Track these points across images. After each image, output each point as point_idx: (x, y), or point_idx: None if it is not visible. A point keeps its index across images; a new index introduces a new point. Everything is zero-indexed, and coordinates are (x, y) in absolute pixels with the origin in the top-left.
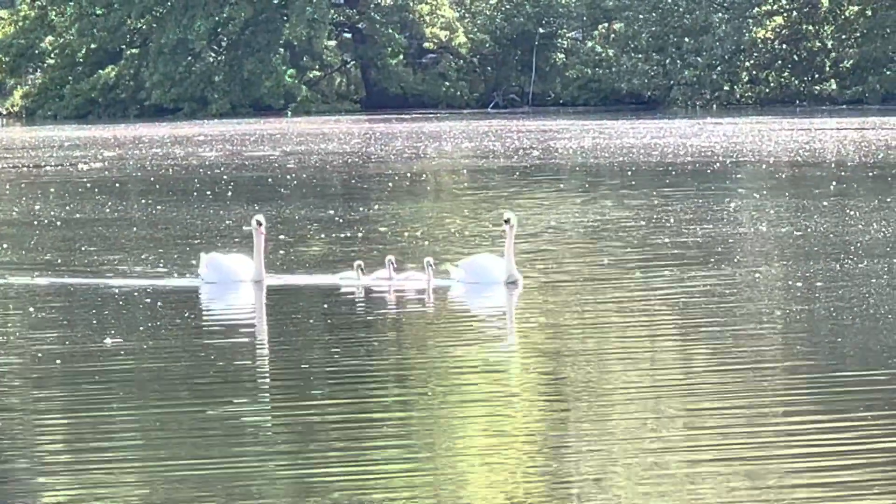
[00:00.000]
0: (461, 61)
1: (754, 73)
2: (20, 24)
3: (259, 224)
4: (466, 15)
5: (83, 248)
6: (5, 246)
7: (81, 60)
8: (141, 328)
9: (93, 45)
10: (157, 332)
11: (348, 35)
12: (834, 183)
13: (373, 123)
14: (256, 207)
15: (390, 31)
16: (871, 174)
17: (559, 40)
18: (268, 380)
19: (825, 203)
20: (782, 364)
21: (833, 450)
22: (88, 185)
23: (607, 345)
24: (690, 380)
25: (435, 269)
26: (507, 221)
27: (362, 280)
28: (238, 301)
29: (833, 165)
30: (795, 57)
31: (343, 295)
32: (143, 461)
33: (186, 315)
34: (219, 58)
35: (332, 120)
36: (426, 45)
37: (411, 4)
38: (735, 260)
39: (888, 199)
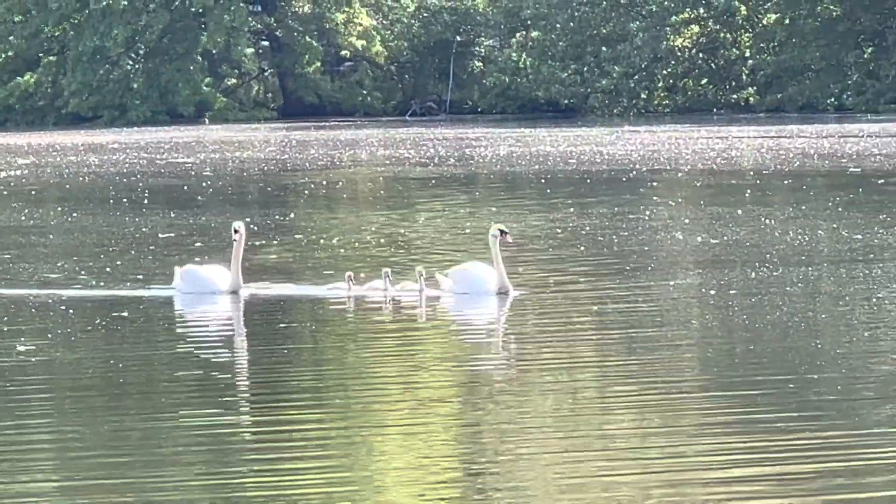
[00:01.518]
0: (378, 69)
1: (671, 81)
2: None
3: (236, 231)
4: (384, 23)
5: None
6: None
7: None
8: (52, 336)
9: (10, 53)
10: (69, 340)
11: (266, 43)
12: (749, 191)
13: (290, 131)
14: (172, 215)
15: (307, 39)
16: (786, 182)
17: (476, 48)
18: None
19: (740, 211)
20: (697, 369)
21: (748, 457)
22: (5, 192)
23: (526, 354)
24: (606, 386)
25: (405, 280)
26: (503, 233)
27: (352, 291)
28: (213, 312)
29: (749, 174)
30: (713, 65)
31: (331, 306)
32: (73, 471)
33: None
34: (137, 65)
35: (250, 128)
36: (343, 53)
37: (328, 13)
38: (650, 268)
39: (803, 208)
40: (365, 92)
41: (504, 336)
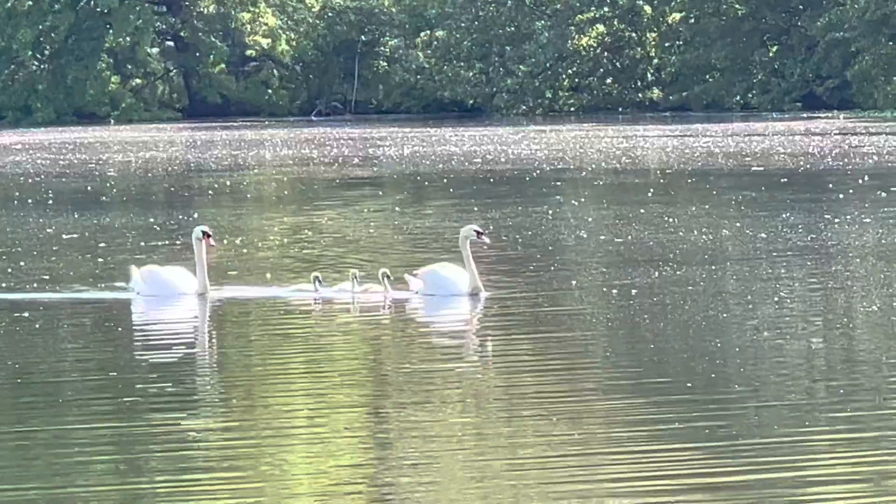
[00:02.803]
0: (283, 69)
1: (577, 80)
2: None
3: (205, 234)
4: (289, 23)
5: None
6: None
7: None
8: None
9: None
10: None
11: (171, 43)
12: (653, 190)
13: (195, 131)
14: (76, 216)
15: (212, 38)
16: (690, 181)
17: (381, 48)
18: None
19: (643, 210)
20: (599, 369)
21: (650, 458)
22: None
23: (431, 353)
24: (511, 385)
25: (389, 281)
26: (479, 234)
27: (320, 292)
28: (180, 315)
29: (654, 173)
30: (618, 64)
31: (296, 308)
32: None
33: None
34: (42, 66)
35: (155, 128)
36: (248, 52)
37: (233, 12)
38: (553, 267)
39: (706, 206)
40: (270, 92)
41: (406, 338)
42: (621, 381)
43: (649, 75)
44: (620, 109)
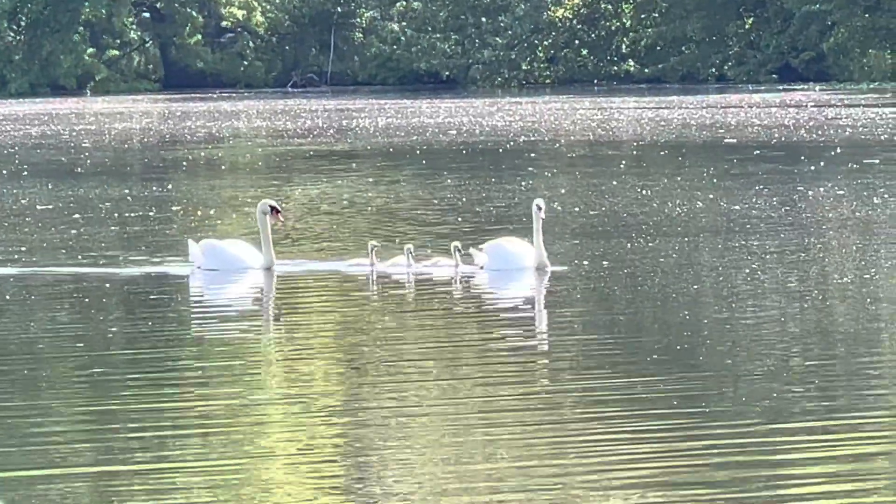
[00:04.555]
0: (259, 40)
1: (552, 52)
2: None
3: (272, 209)
4: None
5: None
6: None
7: None
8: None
9: None
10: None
11: (147, 14)
12: (625, 162)
13: (171, 103)
14: (50, 186)
15: (188, 10)
16: (663, 153)
17: (357, 19)
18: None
19: (615, 182)
20: (572, 342)
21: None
22: None
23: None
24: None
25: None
26: (539, 208)
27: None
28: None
29: (627, 145)
30: (594, 36)
31: (355, 283)
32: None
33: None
34: (18, 37)
35: (131, 99)
36: (224, 24)
37: None
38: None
39: (678, 178)
40: (246, 63)
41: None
42: (593, 352)
43: (625, 47)
44: (596, 81)
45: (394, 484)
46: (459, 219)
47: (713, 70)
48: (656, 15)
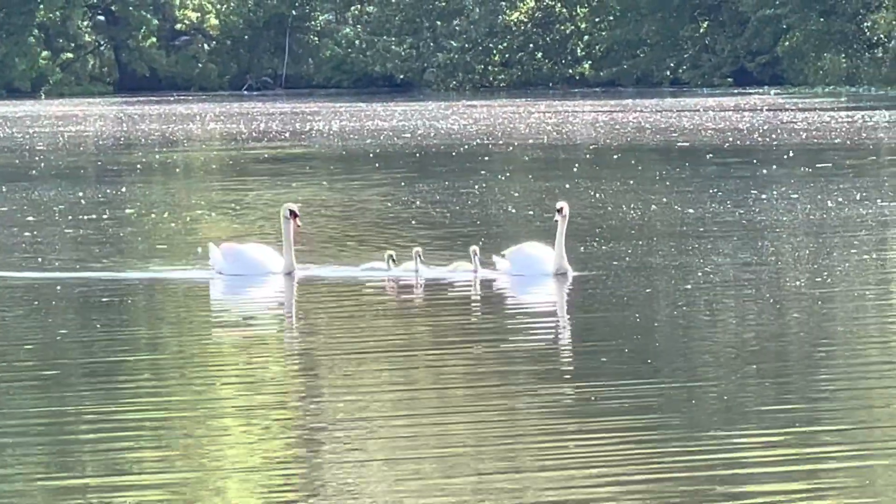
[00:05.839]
0: (214, 43)
1: (507, 55)
2: None
3: (292, 213)
4: None
5: None
6: None
7: None
8: None
9: None
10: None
11: (101, 17)
12: (578, 165)
13: (126, 106)
14: (3, 189)
15: (142, 12)
16: (616, 157)
17: (312, 22)
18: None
19: (568, 185)
20: (525, 346)
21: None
22: None
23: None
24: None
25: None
26: (559, 210)
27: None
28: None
29: (581, 148)
30: (548, 40)
31: (377, 287)
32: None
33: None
34: None
35: (85, 102)
36: (178, 26)
37: None
38: (479, 243)
39: (631, 182)
40: (201, 66)
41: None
42: (543, 357)
43: (580, 51)
44: (551, 85)
45: (411, 492)
46: (413, 221)
47: (668, 73)
48: (611, 18)
